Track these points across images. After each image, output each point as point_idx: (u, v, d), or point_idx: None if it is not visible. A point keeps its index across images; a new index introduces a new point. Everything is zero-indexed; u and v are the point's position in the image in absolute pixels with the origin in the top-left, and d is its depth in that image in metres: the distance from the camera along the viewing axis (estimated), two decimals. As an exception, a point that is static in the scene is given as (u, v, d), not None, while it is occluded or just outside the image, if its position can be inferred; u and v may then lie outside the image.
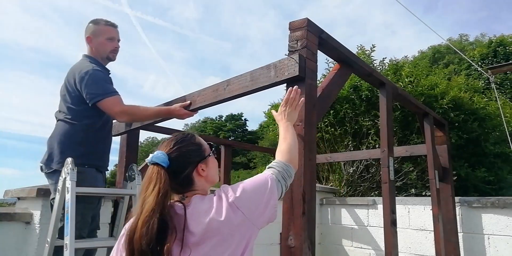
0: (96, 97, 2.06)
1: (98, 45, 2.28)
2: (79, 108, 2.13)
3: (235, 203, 0.99)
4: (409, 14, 4.98)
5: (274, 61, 1.77)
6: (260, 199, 1.03)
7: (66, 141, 2.09)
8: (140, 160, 3.72)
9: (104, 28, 2.29)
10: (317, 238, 4.38)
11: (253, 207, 1.01)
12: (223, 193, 1.02)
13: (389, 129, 2.51)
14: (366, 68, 2.36)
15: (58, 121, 2.19)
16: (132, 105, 2.19)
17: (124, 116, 2.13)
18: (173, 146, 1.06)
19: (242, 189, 1.03)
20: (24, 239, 2.40)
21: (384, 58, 5.94)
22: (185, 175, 1.05)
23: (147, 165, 1.06)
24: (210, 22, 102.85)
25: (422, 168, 4.88)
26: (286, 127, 1.41)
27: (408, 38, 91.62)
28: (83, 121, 2.13)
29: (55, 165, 2.06)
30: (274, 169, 1.17)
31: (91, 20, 2.32)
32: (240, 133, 51.28)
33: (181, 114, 2.25)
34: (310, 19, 1.76)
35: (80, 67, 2.16)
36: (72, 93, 2.13)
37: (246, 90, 1.88)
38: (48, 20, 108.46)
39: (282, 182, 1.14)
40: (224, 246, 0.95)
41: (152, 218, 0.92)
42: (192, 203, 1.01)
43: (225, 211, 0.97)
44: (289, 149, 1.28)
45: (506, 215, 3.17)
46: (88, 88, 2.07)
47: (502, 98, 9.24)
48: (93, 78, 2.09)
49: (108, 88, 2.12)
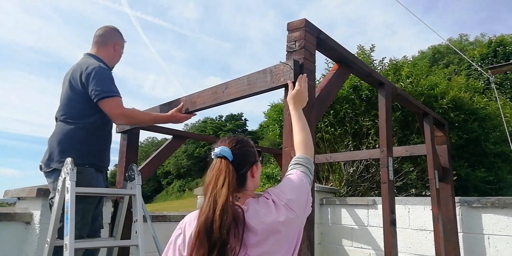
0: (101, 94, 2.06)
1: (117, 55, 2.41)
2: (82, 106, 2.13)
3: (288, 204, 1.06)
4: (409, 14, 4.98)
5: (270, 66, 1.78)
6: (304, 198, 1.13)
7: (67, 141, 2.09)
8: (140, 160, 3.72)
9: (124, 42, 2.46)
10: (317, 238, 4.38)
11: (301, 206, 1.10)
12: (275, 196, 1.08)
13: (388, 129, 2.51)
14: (365, 68, 2.36)
15: (59, 121, 2.18)
16: (132, 109, 2.23)
17: (123, 118, 2.15)
18: (236, 144, 1.13)
19: (290, 191, 1.10)
20: (24, 239, 2.40)
21: (384, 58, 5.93)
22: (242, 173, 1.11)
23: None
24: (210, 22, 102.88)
25: (422, 168, 4.88)
26: (298, 115, 1.47)
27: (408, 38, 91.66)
28: (84, 120, 2.13)
29: (55, 164, 2.06)
30: (303, 166, 1.24)
31: (115, 27, 2.42)
32: (240, 133, 51.30)
33: (180, 119, 2.32)
34: (308, 20, 1.76)
35: (87, 63, 2.16)
36: (77, 89, 2.12)
37: (244, 94, 1.90)
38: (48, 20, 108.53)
39: (310, 177, 1.23)
40: (281, 244, 1.02)
41: (228, 210, 0.97)
42: (249, 204, 1.06)
43: (284, 212, 1.04)
44: (306, 141, 1.36)
45: (506, 215, 3.17)
46: (95, 85, 2.06)
47: (502, 98, 9.23)
48: (100, 75, 2.10)
49: (113, 88, 2.13)
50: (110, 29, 2.38)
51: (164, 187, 51.44)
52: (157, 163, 3.19)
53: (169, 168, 50.29)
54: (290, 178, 1.17)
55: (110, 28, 2.39)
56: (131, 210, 2.27)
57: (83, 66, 2.13)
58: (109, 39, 2.35)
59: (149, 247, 2.17)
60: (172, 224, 3.27)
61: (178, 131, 3.39)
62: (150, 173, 3.15)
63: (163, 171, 50.38)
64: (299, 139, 1.37)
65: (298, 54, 1.71)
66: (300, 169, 1.22)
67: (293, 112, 1.50)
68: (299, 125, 1.42)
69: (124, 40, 2.45)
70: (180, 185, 47.81)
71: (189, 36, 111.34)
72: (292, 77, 1.64)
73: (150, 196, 48.90)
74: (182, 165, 49.61)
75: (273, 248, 1.00)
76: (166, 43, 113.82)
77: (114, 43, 2.36)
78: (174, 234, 1.07)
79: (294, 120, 1.46)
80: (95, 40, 2.35)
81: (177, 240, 1.05)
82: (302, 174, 1.20)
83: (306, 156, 1.29)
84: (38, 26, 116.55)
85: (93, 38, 2.36)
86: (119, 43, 2.40)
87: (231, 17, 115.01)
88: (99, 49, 2.32)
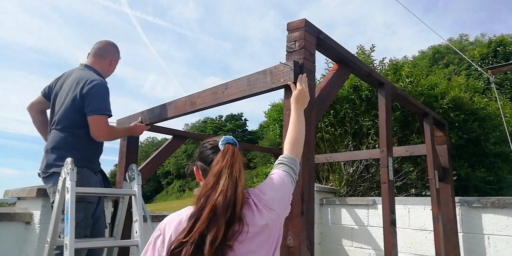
0: (96, 111, 2.13)
1: (111, 70, 2.48)
2: (78, 117, 2.16)
3: (268, 205, 1.08)
4: (409, 14, 4.98)
5: (270, 67, 1.78)
6: (285, 197, 1.16)
7: (64, 147, 2.15)
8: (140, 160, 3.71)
9: (119, 59, 2.51)
10: (317, 238, 4.38)
11: (282, 204, 1.13)
12: (254, 197, 1.09)
13: (388, 129, 2.51)
14: (364, 68, 2.36)
15: (54, 130, 2.21)
16: (112, 126, 2.36)
17: (107, 136, 2.24)
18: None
19: (270, 190, 1.13)
20: (24, 239, 2.40)
21: (384, 58, 5.93)
22: None
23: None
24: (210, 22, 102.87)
25: (422, 168, 4.88)
26: (298, 115, 1.48)
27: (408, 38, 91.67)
28: (80, 130, 2.17)
29: (54, 168, 2.10)
30: (286, 165, 1.26)
31: (112, 42, 2.47)
32: (240, 133, 51.32)
33: (138, 130, 2.59)
34: (308, 20, 1.76)
35: (90, 76, 2.21)
36: (76, 101, 2.16)
37: (244, 94, 1.90)
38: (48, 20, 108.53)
39: (293, 177, 1.25)
40: (264, 244, 1.05)
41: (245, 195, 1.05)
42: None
43: (265, 214, 1.06)
44: (296, 141, 1.37)
45: (506, 215, 3.17)
46: (93, 100, 2.13)
47: (502, 98, 9.23)
48: (101, 92, 2.17)
49: (108, 106, 2.21)
50: (110, 44, 2.45)
51: (164, 187, 51.44)
52: (157, 163, 3.19)
53: (169, 168, 50.29)
54: (271, 178, 1.20)
55: (109, 43, 2.45)
56: (131, 210, 2.27)
57: (87, 79, 2.18)
58: (107, 53, 2.41)
59: (149, 247, 2.17)
60: (172, 224, 3.27)
61: (178, 131, 3.39)
62: (150, 173, 3.15)
63: (163, 171, 50.38)
64: (289, 138, 1.38)
65: (298, 54, 1.71)
66: (282, 169, 1.24)
67: (293, 113, 1.50)
68: (294, 125, 1.43)
69: (120, 58, 2.52)
70: (180, 185, 47.80)
71: (189, 36, 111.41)
72: (292, 77, 1.64)
73: (150, 196, 48.90)
74: (182, 165, 49.57)
75: (257, 248, 1.03)
76: (166, 43, 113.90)
77: (111, 59, 2.44)
78: (153, 235, 1.06)
79: (292, 120, 1.47)
80: (93, 52, 2.39)
81: (157, 241, 1.04)
82: (284, 174, 1.22)
83: (291, 156, 1.31)
84: (38, 26, 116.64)
85: (92, 50, 2.40)
86: (116, 60, 2.48)
87: (231, 17, 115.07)
88: (96, 61, 2.37)
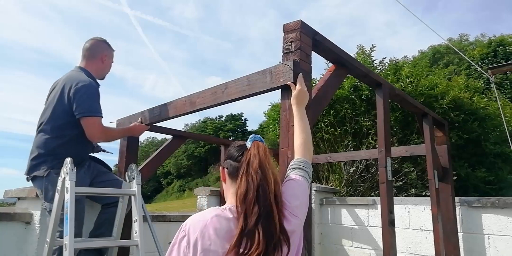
0: (86, 113, 2.12)
1: (106, 66, 2.44)
2: (65, 119, 2.16)
3: (293, 212, 1.11)
4: (409, 14, 4.98)
5: (270, 67, 1.78)
6: (306, 203, 1.19)
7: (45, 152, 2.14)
8: (140, 160, 3.72)
9: (112, 52, 2.48)
10: (317, 238, 4.38)
11: (303, 210, 1.17)
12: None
13: (386, 129, 2.51)
14: (362, 68, 2.36)
15: (40, 132, 2.21)
16: (108, 127, 2.33)
17: (103, 137, 2.24)
18: None
19: (292, 198, 1.15)
20: (24, 239, 2.40)
21: (384, 58, 5.93)
22: None
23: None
24: (210, 22, 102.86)
25: (422, 168, 4.88)
26: (300, 115, 1.48)
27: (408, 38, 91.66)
28: (64, 132, 2.17)
29: (34, 173, 2.12)
30: (302, 170, 1.28)
31: (102, 39, 2.44)
32: (240, 133, 51.26)
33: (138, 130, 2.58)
34: (304, 21, 1.76)
35: (78, 78, 2.20)
36: (64, 103, 2.16)
37: (243, 94, 1.90)
38: (48, 20, 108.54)
39: (309, 181, 1.27)
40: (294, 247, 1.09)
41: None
42: None
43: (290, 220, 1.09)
44: (306, 143, 1.38)
45: (506, 215, 3.17)
46: (81, 102, 2.11)
47: (502, 98, 9.23)
48: (89, 93, 2.15)
49: (98, 107, 2.20)
50: (97, 41, 2.41)
51: (164, 187, 51.42)
52: (157, 163, 3.20)
53: (169, 168, 50.28)
54: (291, 184, 1.21)
55: (96, 41, 2.41)
56: (131, 210, 2.27)
57: (74, 81, 2.17)
58: (96, 52, 2.38)
59: (149, 247, 2.18)
60: (172, 224, 3.27)
61: (178, 131, 3.40)
62: (150, 173, 3.15)
63: (163, 171, 50.37)
64: (299, 141, 1.38)
65: (294, 55, 1.70)
66: (299, 174, 1.25)
67: (296, 113, 1.50)
68: (300, 127, 1.43)
69: (112, 50, 2.49)
70: (180, 185, 47.80)
71: (189, 36, 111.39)
72: (291, 77, 1.64)
73: (150, 196, 48.87)
74: (182, 165, 49.62)
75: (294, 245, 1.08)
76: (166, 43, 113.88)
77: (102, 56, 2.40)
78: (177, 236, 1.04)
79: (296, 121, 1.47)
80: (83, 54, 2.38)
81: (182, 242, 1.01)
82: (302, 179, 1.23)
83: (305, 159, 1.31)
84: (38, 26, 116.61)
85: (82, 51, 2.39)
86: (107, 54, 2.43)
87: (231, 17, 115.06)
88: (88, 62, 2.36)
